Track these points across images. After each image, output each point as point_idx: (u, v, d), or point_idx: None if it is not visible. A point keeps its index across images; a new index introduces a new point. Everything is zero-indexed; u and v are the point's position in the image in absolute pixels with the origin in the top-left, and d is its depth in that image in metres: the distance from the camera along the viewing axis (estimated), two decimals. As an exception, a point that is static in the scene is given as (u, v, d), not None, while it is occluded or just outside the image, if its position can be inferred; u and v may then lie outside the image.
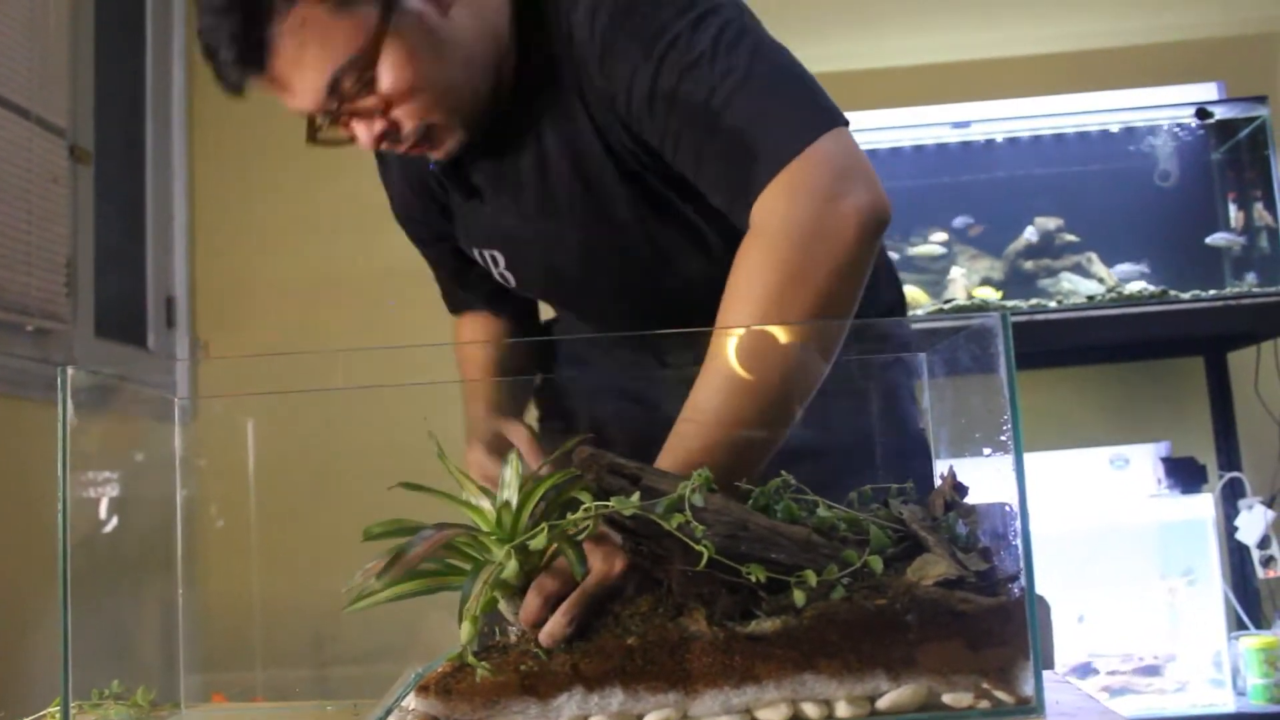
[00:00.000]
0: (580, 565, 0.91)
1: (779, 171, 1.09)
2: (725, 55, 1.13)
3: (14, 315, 2.59)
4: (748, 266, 1.08)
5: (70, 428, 0.98)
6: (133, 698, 1.18)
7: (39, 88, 2.71)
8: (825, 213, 1.07)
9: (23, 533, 2.35)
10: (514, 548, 0.95)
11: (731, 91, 1.12)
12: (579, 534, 0.94)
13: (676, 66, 1.13)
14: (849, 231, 1.07)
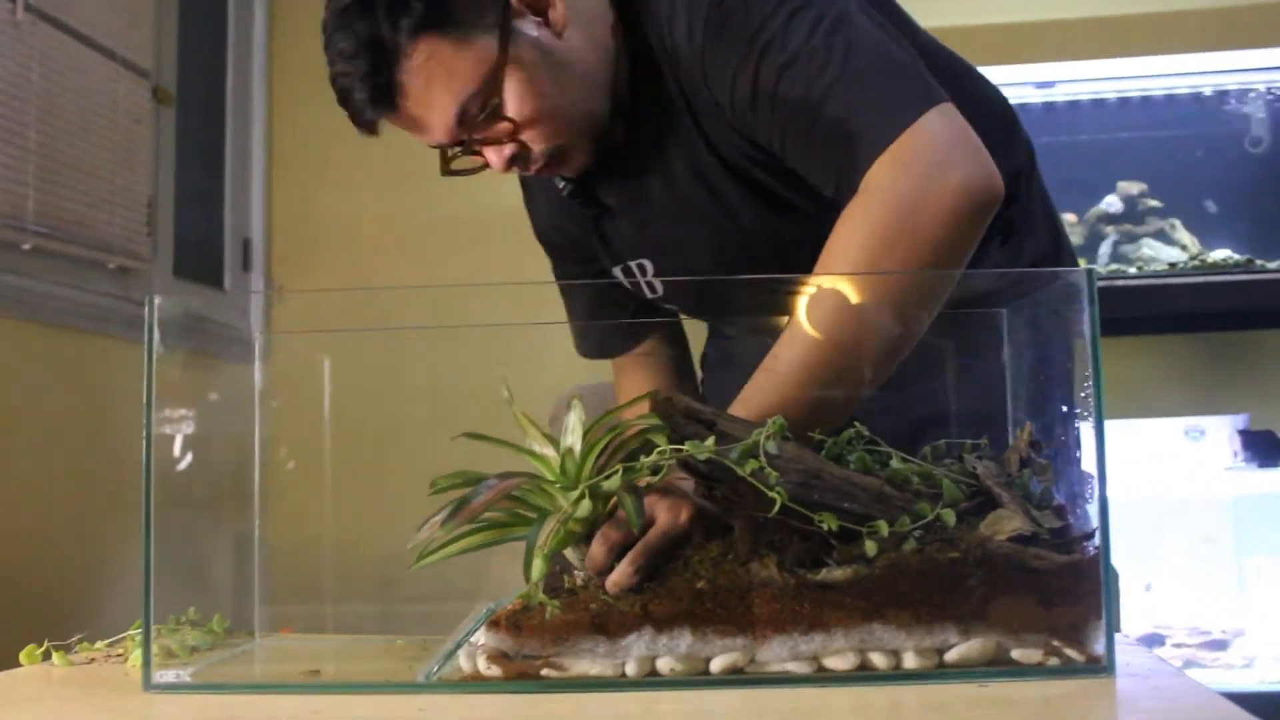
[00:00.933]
0: (638, 516, 0.92)
1: (884, 149, 1.09)
2: (822, 48, 1.14)
3: (97, 253, 2.64)
4: (846, 231, 1.09)
5: (155, 358, 0.99)
6: (208, 625, 1.21)
7: (125, 29, 2.74)
8: (929, 184, 1.07)
9: (105, 465, 2.41)
10: (587, 489, 0.95)
11: (831, 82, 1.13)
12: (649, 480, 0.94)
13: (774, 66, 1.15)
14: (952, 204, 1.07)
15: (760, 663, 0.90)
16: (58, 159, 2.50)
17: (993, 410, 1.19)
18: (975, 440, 1.05)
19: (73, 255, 2.57)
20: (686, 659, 0.90)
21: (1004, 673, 0.89)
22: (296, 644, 1.27)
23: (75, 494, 2.45)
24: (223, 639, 1.21)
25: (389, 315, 1.33)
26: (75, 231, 2.56)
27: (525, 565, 0.93)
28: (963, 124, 1.12)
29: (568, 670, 0.91)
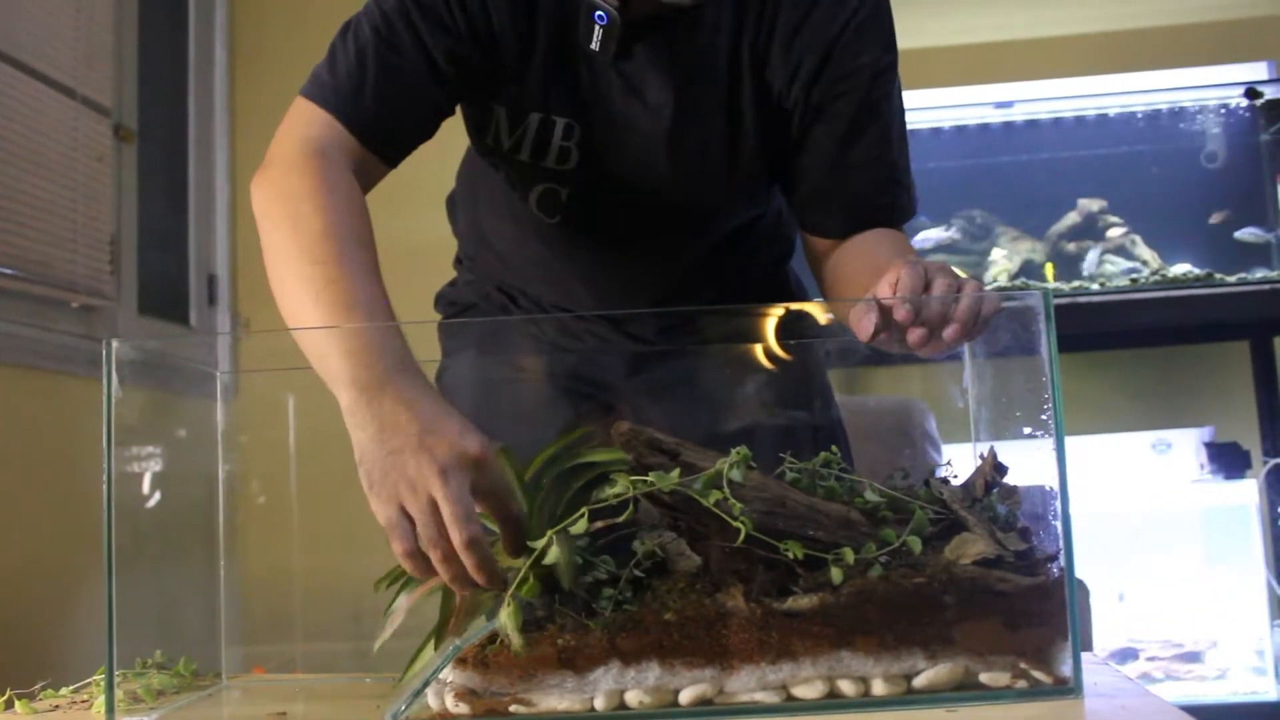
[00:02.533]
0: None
1: (906, 211, 1.36)
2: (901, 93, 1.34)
3: (59, 291, 2.62)
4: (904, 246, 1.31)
5: (115, 400, 0.99)
6: (175, 667, 1.19)
7: (84, 67, 2.73)
8: None
9: (68, 506, 2.38)
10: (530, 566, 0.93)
11: (902, 131, 1.34)
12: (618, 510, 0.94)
13: (886, 82, 1.31)
14: None
15: (729, 693, 0.90)
16: (19, 198, 2.49)
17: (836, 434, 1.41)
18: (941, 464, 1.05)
19: (36, 295, 2.55)
20: (655, 691, 0.90)
21: (972, 697, 0.90)
22: (265, 685, 1.26)
23: (40, 537, 2.42)
24: (190, 682, 1.20)
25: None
26: (38, 271, 2.54)
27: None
28: None
29: (536, 706, 0.90)
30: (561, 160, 1.33)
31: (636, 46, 1.28)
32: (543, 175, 1.36)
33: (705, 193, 1.37)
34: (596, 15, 1.24)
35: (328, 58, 1.26)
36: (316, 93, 1.24)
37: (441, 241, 1.66)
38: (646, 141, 1.32)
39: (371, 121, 1.23)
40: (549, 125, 1.32)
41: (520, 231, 1.46)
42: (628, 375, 1.44)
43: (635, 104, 1.31)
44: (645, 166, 1.34)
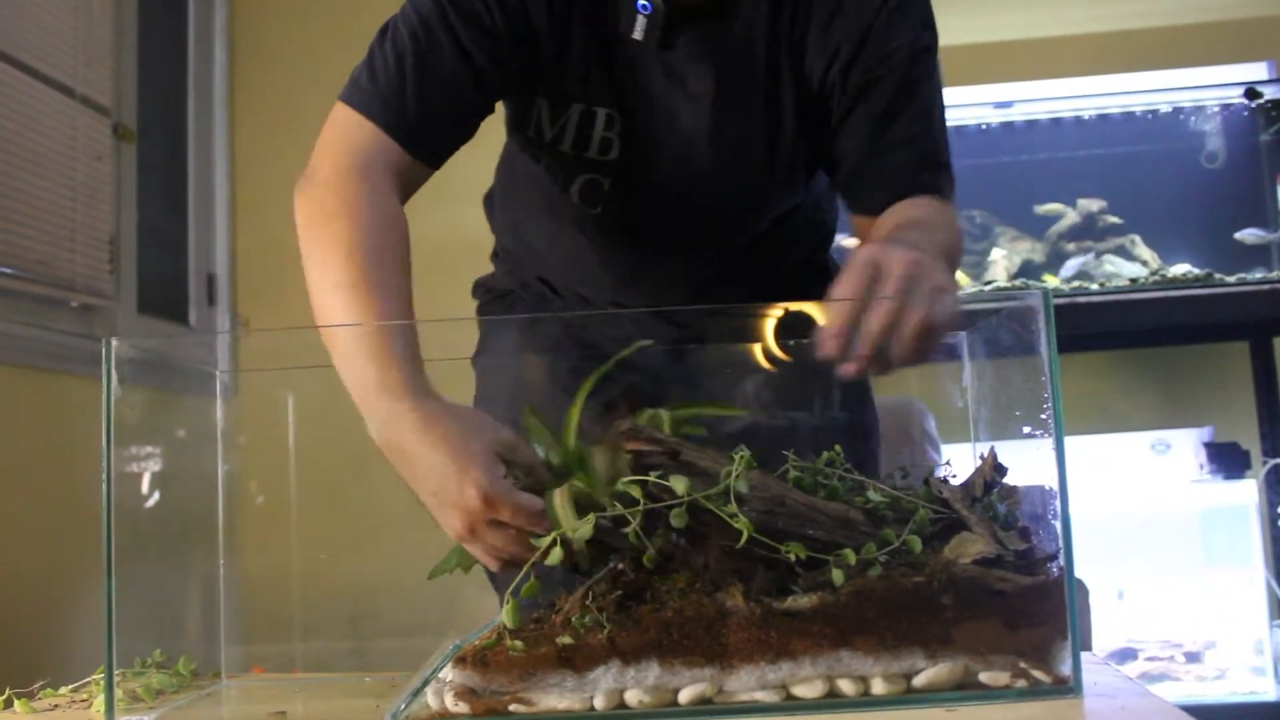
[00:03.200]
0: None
1: (950, 186, 1.34)
2: (939, 72, 1.35)
3: (59, 291, 2.62)
4: (937, 214, 1.28)
5: (115, 399, 0.99)
6: (174, 667, 1.19)
7: (84, 67, 2.73)
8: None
9: (67, 506, 2.38)
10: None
11: (941, 109, 1.34)
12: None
13: (925, 62, 1.32)
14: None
15: (728, 693, 0.90)
16: (18, 198, 2.49)
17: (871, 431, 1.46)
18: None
19: (35, 294, 2.55)
20: (655, 691, 0.89)
21: (972, 696, 0.90)
22: (264, 684, 1.25)
23: (40, 536, 2.42)
24: (189, 681, 1.20)
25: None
26: (37, 270, 2.54)
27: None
28: None
29: (536, 705, 0.90)
30: (604, 151, 1.35)
31: (678, 37, 1.29)
32: (585, 166, 1.37)
33: (745, 182, 1.38)
34: (640, 5, 1.27)
35: (366, 62, 1.27)
36: (358, 99, 1.25)
37: (480, 235, 1.67)
38: (687, 131, 1.34)
39: (414, 127, 1.24)
40: (591, 116, 1.33)
41: (559, 226, 1.47)
42: (667, 365, 1.44)
43: (677, 93, 1.32)
44: (686, 156, 1.35)
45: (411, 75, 1.24)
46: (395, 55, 1.24)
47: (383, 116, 1.23)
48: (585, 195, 1.39)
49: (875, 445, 1.48)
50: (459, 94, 1.27)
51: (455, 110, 1.28)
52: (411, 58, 1.24)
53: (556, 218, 1.46)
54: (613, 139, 1.34)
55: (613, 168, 1.36)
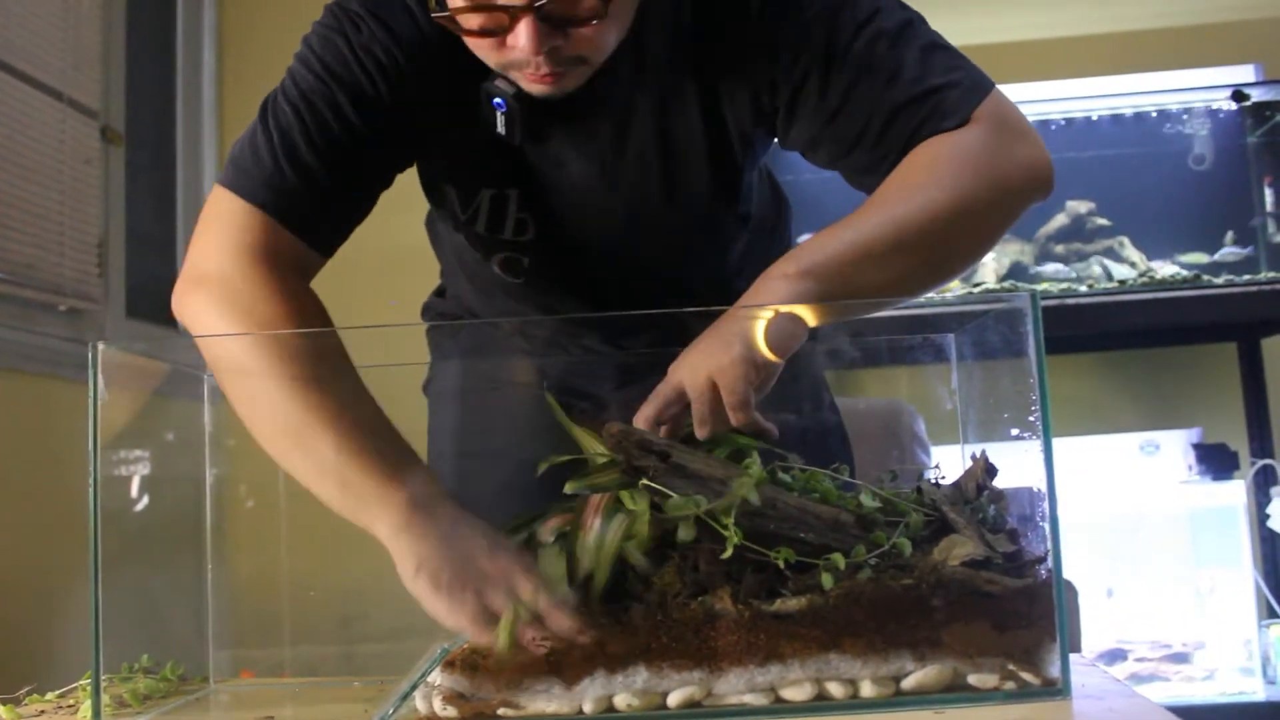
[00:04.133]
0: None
1: (983, 97, 1.16)
2: (891, 13, 1.18)
3: (47, 295, 2.61)
4: (951, 143, 1.14)
5: (101, 403, 0.98)
6: (162, 672, 1.19)
7: (72, 70, 2.73)
8: (1022, 143, 1.16)
9: (55, 510, 2.37)
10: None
11: (905, 46, 1.16)
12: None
13: (851, 24, 1.16)
14: (1031, 172, 1.17)
15: (717, 696, 0.90)
16: (6, 201, 2.48)
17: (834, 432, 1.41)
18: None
19: (23, 298, 2.54)
20: (643, 694, 0.89)
21: (961, 698, 0.90)
22: (253, 688, 1.25)
23: (26, 540, 2.41)
24: (177, 686, 1.19)
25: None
26: (25, 274, 2.53)
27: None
28: None
29: (524, 709, 0.90)
30: (519, 231, 1.30)
31: (547, 126, 1.21)
32: (502, 245, 1.32)
33: (658, 241, 1.33)
34: (495, 103, 1.17)
35: (248, 142, 1.18)
36: (243, 185, 1.16)
37: (423, 247, 1.66)
38: (584, 209, 1.29)
39: (307, 215, 1.16)
40: (502, 199, 1.28)
41: (486, 290, 1.44)
42: (618, 383, 1.43)
43: (560, 178, 1.27)
44: (592, 229, 1.31)
45: (301, 156, 1.15)
46: (280, 134, 1.15)
47: (272, 204, 1.15)
48: (506, 269, 1.34)
49: (838, 444, 1.46)
50: (351, 174, 1.19)
51: (349, 192, 1.20)
52: (299, 135, 1.15)
53: (479, 281, 1.42)
54: (527, 219, 1.29)
55: (530, 246, 1.31)
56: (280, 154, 1.15)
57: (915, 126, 1.15)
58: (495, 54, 1.09)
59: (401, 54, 1.18)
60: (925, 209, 1.11)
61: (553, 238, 1.31)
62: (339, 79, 1.17)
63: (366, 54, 1.17)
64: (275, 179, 1.15)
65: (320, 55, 1.18)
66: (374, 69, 1.17)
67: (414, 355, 1.43)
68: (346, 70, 1.17)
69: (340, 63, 1.17)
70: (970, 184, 1.12)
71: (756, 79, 1.21)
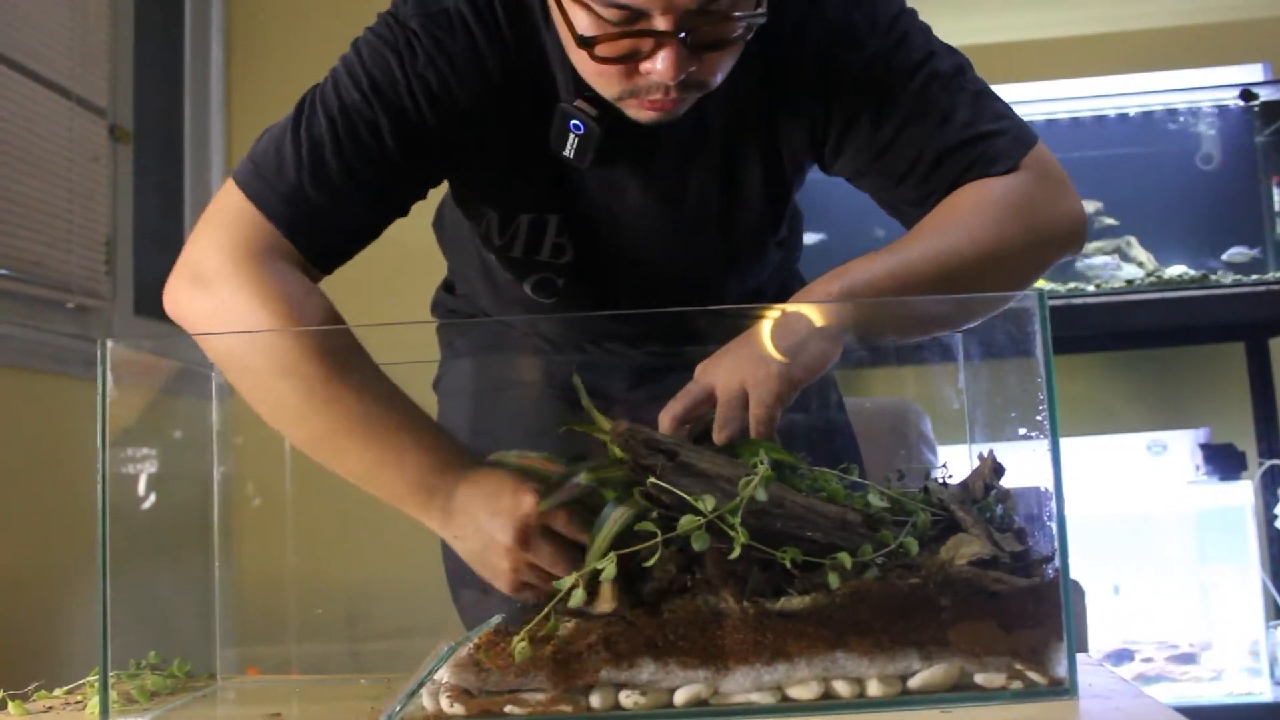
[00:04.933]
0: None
1: (1027, 149, 1.20)
2: (945, 57, 1.21)
3: (55, 292, 2.62)
4: (995, 187, 1.17)
5: (109, 400, 0.99)
6: (169, 668, 1.19)
7: (80, 68, 2.73)
8: (1062, 197, 1.20)
9: (63, 507, 2.38)
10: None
11: (958, 91, 1.20)
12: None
13: (907, 65, 1.19)
14: (1069, 225, 1.20)
15: (724, 694, 0.90)
16: (14, 199, 2.48)
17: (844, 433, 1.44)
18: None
19: (31, 295, 2.54)
20: (650, 692, 0.89)
21: (967, 698, 0.90)
22: (260, 686, 1.25)
23: (34, 537, 2.42)
24: (184, 683, 1.20)
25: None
26: (33, 271, 2.54)
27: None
28: None
29: (531, 707, 0.90)
30: (556, 254, 1.29)
31: (615, 151, 1.19)
32: (537, 267, 1.31)
33: (700, 266, 1.34)
34: (572, 124, 1.16)
35: (276, 146, 1.14)
36: (260, 193, 1.13)
37: (430, 246, 1.66)
38: (634, 236, 1.29)
39: (319, 237, 1.14)
40: (541, 224, 1.27)
41: (509, 305, 1.42)
42: (630, 383, 1.43)
43: (616, 204, 1.26)
44: (635, 255, 1.31)
45: (328, 177, 1.13)
46: (311, 145, 1.13)
47: (283, 217, 1.12)
48: (539, 290, 1.33)
49: (846, 443, 1.47)
50: (372, 205, 1.17)
51: (366, 223, 1.19)
52: (331, 154, 1.12)
53: (509, 300, 1.40)
54: (565, 244, 1.28)
55: (566, 268, 1.30)
56: (306, 169, 1.12)
57: (963, 169, 1.18)
58: (622, 82, 1.08)
59: (456, 82, 1.15)
60: (966, 248, 1.13)
61: (592, 260, 1.30)
62: (384, 99, 1.13)
63: (419, 80, 1.14)
64: (296, 195, 1.12)
65: (369, 70, 1.14)
66: (423, 95, 1.14)
67: (422, 352, 1.43)
68: (394, 92, 1.14)
69: (389, 83, 1.14)
70: (1011, 229, 1.15)
71: (813, 113, 1.22)
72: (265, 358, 1.10)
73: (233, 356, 1.12)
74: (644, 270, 1.32)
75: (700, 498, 0.90)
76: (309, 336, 1.10)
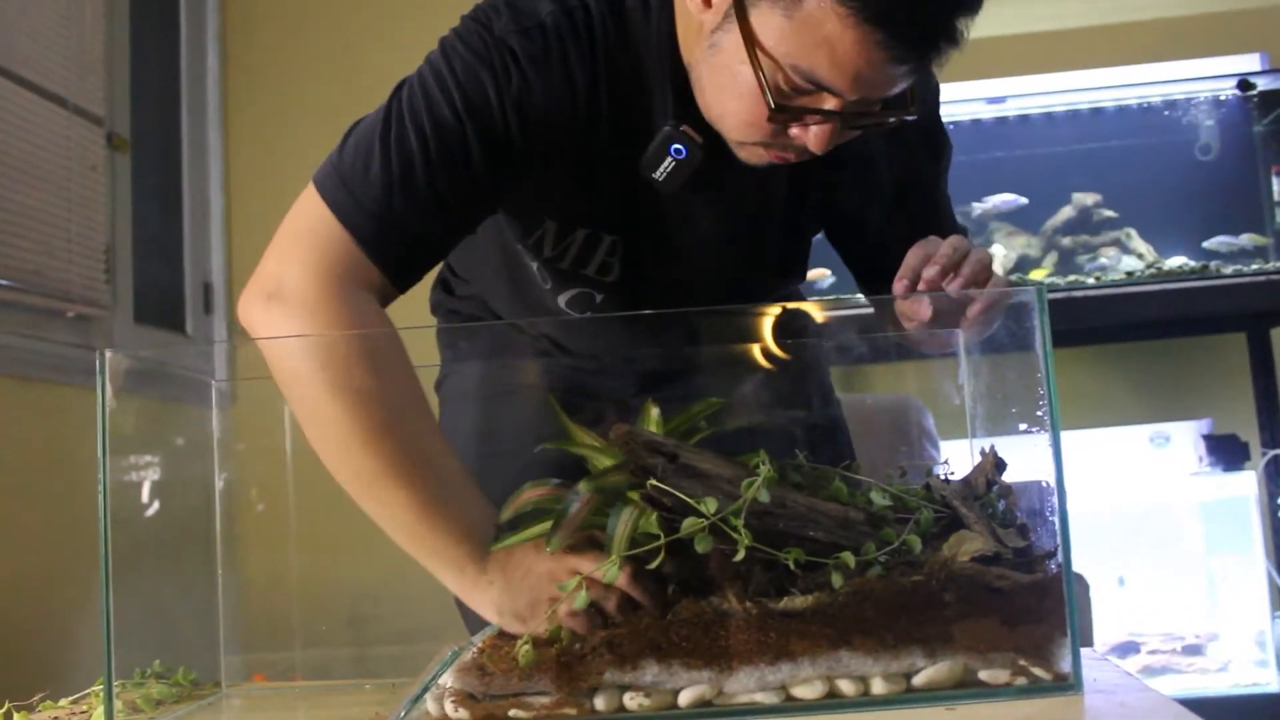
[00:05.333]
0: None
1: None
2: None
3: (54, 301, 2.62)
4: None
5: (109, 410, 0.99)
6: (174, 677, 1.19)
7: (76, 77, 2.73)
8: None
9: (66, 517, 2.38)
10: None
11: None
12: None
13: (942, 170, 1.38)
14: None
15: (728, 694, 0.90)
16: (12, 208, 2.48)
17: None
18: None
19: (30, 305, 2.54)
20: (654, 693, 0.89)
21: (972, 694, 0.90)
22: (265, 692, 1.25)
23: (37, 547, 2.42)
24: (190, 691, 1.20)
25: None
26: (32, 281, 2.54)
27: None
28: None
29: (535, 710, 0.90)
30: (603, 272, 1.29)
31: (702, 179, 1.20)
32: (579, 281, 1.31)
33: (740, 290, 1.36)
34: (674, 149, 1.15)
35: (363, 155, 1.12)
36: (345, 207, 1.11)
37: None
38: (690, 261, 1.31)
39: (402, 254, 1.13)
40: (596, 240, 1.27)
41: (531, 310, 1.40)
42: (640, 387, 1.43)
43: (687, 231, 1.27)
44: (686, 283, 1.32)
45: (415, 195, 1.11)
46: (401, 160, 1.11)
47: (369, 236, 1.10)
48: (573, 305, 1.33)
49: (840, 437, 1.48)
50: (454, 225, 1.16)
51: (446, 242, 1.18)
52: (420, 170, 1.10)
53: (531, 298, 1.38)
54: (614, 263, 1.28)
55: (607, 286, 1.30)
56: (396, 183, 1.10)
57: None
58: (768, 135, 1.10)
59: (549, 102, 1.14)
60: None
61: (634, 283, 1.30)
62: (477, 121, 1.12)
63: (513, 103, 1.12)
64: (382, 210, 1.10)
65: (462, 86, 1.12)
66: (515, 118, 1.13)
67: (423, 353, 1.43)
68: (487, 114, 1.12)
69: (483, 103, 1.12)
70: None
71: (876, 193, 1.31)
72: (325, 388, 1.08)
73: (297, 379, 1.10)
74: (679, 296, 1.32)
75: (701, 500, 0.90)
76: (368, 378, 1.07)
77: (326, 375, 1.07)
